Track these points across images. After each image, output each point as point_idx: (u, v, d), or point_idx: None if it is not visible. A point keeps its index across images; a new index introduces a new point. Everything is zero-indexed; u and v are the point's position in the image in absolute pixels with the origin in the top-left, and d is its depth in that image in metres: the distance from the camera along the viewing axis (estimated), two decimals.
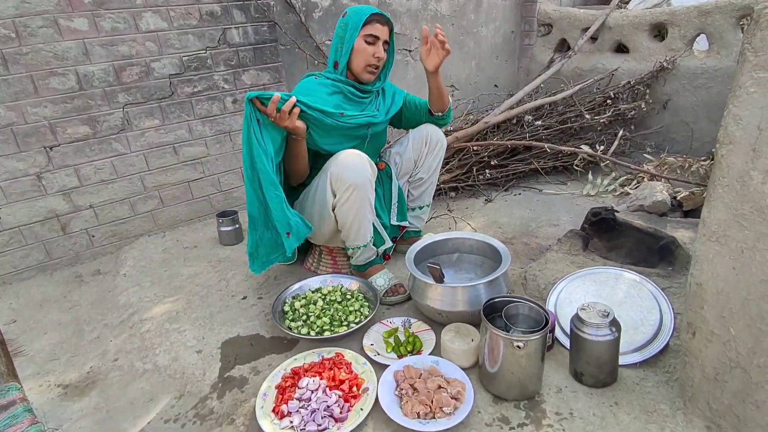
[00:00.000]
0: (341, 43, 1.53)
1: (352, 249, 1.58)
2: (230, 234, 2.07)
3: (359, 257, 1.61)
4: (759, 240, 0.83)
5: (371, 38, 1.51)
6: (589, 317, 1.10)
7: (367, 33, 1.50)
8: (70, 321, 1.68)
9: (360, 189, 1.44)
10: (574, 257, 1.59)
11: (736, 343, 0.91)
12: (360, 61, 1.53)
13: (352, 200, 1.45)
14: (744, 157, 0.83)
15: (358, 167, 1.43)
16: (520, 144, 2.48)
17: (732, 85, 0.85)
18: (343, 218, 1.49)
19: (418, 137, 1.74)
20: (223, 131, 2.29)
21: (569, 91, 2.82)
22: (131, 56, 1.96)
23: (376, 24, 1.50)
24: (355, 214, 1.48)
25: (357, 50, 1.51)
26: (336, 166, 1.43)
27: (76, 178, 1.96)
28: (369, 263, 1.64)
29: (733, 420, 0.96)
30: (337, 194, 1.46)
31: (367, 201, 1.48)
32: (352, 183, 1.42)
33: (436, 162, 1.78)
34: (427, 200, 1.87)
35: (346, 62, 1.54)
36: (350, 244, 1.57)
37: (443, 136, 1.76)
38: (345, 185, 1.42)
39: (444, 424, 1.03)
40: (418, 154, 1.76)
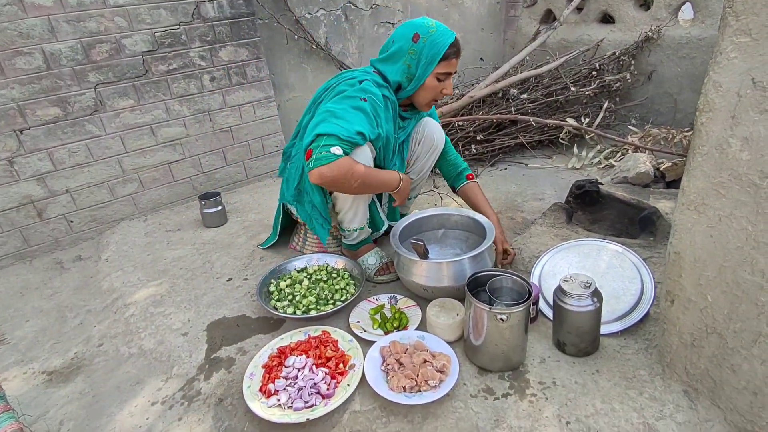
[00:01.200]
0: (409, 73, 1.37)
1: (348, 231, 1.57)
2: (214, 216, 2.04)
3: (353, 239, 1.60)
4: (736, 208, 0.84)
5: (444, 76, 1.37)
6: (571, 288, 1.11)
7: (441, 71, 1.35)
8: (52, 308, 1.65)
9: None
10: (557, 230, 1.60)
11: (712, 309, 0.93)
12: (426, 97, 1.41)
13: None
14: (723, 124, 0.82)
15: (361, 153, 1.34)
16: (506, 118, 2.46)
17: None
18: (341, 203, 1.47)
19: (414, 129, 1.61)
20: (201, 110, 2.22)
21: (554, 63, 2.79)
22: (100, 32, 1.88)
23: (452, 60, 1.36)
24: (353, 199, 1.45)
25: (427, 86, 1.38)
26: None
27: (49, 162, 1.90)
28: (360, 243, 1.64)
29: (710, 384, 0.99)
30: None
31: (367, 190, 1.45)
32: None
33: (429, 163, 1.68)
34: (414, 194, 1.83)
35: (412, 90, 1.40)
36: (346, 227, 1.55)
37: (441, 136, 1.64)
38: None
39: (429, 397, 1.05)
40: (411, 152, 1.65)
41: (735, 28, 0.79)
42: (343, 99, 1.32)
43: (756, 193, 0.80)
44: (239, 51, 2.25)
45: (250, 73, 2.31)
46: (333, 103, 1.32)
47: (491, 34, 3.60)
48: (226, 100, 2.28)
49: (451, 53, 1.35)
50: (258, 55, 2.31)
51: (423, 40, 1.33)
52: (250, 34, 2.25)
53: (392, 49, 1.39)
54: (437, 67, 1.35)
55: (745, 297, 0.87)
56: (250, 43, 2.27)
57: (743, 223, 0.83)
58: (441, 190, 2.26)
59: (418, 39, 1.34)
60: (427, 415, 1.05)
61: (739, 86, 0.79)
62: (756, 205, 0.81)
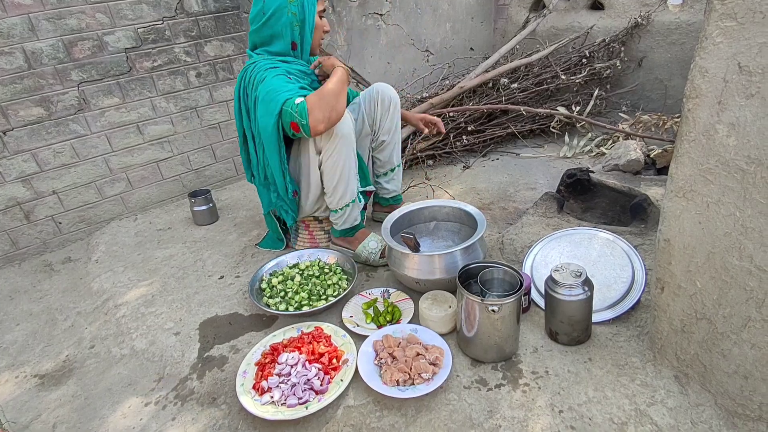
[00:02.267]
0: (297, 21, 1.44)
1: (340, 210, 1.56)
2: (204, 213, 2.02)
3: (347, 219, 1.58)
4: (723, 194, 0.84)
5: (322, 12, 1.50)
6: (563, 278, 1.11)
7: (320, 9, 1.48)
8: (42, 311, 1.63)
9: (346, 138, 1.44)
10: (549, 220, 1.60)
11: (702, 295, 0.93)
12: (317, 38, 1.53)
13: (338, 151, 1.44)
14: (710, 110, 0.82)
15: (346, 119, 1.43)
16: (497, 108, 2.45)
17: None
18: (331, 172, 1.48)
19: (368, 98, 1.71)
20: (188, 107, 2.19)
21: (544, 51, 2.77)
22: (81, 30, 1.84)
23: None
24: (342, 166, 1.47)
25: (317, 27, 1.50)
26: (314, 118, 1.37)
27: (34, 163, 1.87)
28: (355, 227, 1.63)
29: (700, 368, 1.00)
30: (324, 149, 1.45)
31: (352, 150, 1.49)
32: (338, 132, 1.42)
33: (394, 122, 1.74)
34: (396, 161, 1.83)
35: (311, 40, 1.50)
36: (338, 205, 1.55)
37: (394, 93, 1.72)
38: (330, 135, 1.41)
39: (423, 390, 1.05)
40: (372, 117, 1.72)
41: (720, 12, 0.78)
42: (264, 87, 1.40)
43: (743, 178, 0.80)
44: (225, 46, 2.21)
45: (237, 68, 2.28)
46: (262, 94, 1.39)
47: (481, 24, 3.56)
48: (214, 96, 2.25)
49: None
50: (244, 49, 2.28)
51: None
52: (235, 28, 2.22)
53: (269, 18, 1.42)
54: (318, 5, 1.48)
55: (734, 282, 0.87)
56: (236, 37, 2.23)
57: (731, 209, 0.83)
58: (433, 182, 2.25)
59: None
60: (420, 408, 1.05)
61: (725, 71, 0.79)
62: (743, 190, 0.81)
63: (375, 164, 1.83)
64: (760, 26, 0.74)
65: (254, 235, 1.91)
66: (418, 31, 3.17)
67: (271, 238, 1.77)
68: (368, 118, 1.72)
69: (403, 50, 3.17)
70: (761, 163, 0.77)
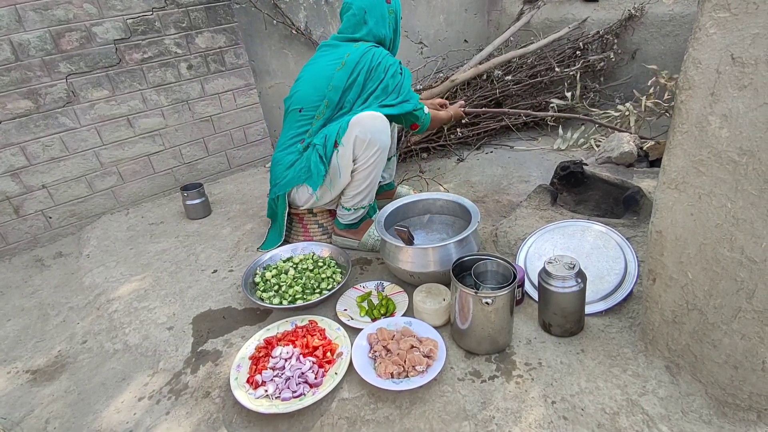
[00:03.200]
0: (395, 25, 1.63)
1: (353, 210, 1.59)
2: (197, 207, 2.01)
3: (358, 216, 1.63)
4: (716, 185, 0.84)
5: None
6: (556, 270, 1.12)
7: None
8: (33, 306, 1.62)
9: (384, 151, 1.50)
10: (543, 212, 1.61)
11: (693, 286, 0.94)
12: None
13: (375, 162, 1.49)
14: (703, 102, 0.82)
15: (386, 130, 1.48)
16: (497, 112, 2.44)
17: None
18: (361, 180, 1.52)
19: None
20: (180, 100, 2.17)
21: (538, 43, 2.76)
22: (68, 20, 1.80)
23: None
24: (373, 176, 1.53)
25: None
26: (363, 130, 1.44)
27: (23, 156, 1.84)
28: (361, 219, 1.66)
29: (691, 359, 1.01)
30: (362, 158, 1.48)
31: (384, 163, 1.56)
32: (381, 146, 1.47)
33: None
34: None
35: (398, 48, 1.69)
36: (354, 206, 1.58)
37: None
38: (374, 149, 1.46)
39: (417, 382, 1.05)
40: None
41: (714, 3, 0.78)
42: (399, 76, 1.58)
43: (735, 170, 0.80)
44: (216, 37, 2.18)
45: (229, 60, 2.25)
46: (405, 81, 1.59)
47: (475, 15, 3.54)
48: (205, 88, 2.23)
49: None
50: (236, 42, 2.25)
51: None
52: (227, 19, 2.19)
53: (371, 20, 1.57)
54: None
55: (725, 273, 0.87)
56: (227, 28, 2.20)
57: (723, 201, 0.84)
58: (428, 175, 2.24)
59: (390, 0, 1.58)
60: (415, 400, 1.06)
61: (718, 63, 0.78)
62: (735, 182, 0.81)
63: None
64: (754, 17, 0.73)
65: (247, 229, 1.90)
66: (411, 23, 3.15)
67: (273, 236, 1.73)
68: None
69: None
70: (753, 155, 0.78)
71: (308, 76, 1.58)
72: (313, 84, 1.55)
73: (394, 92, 1.56)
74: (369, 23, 1.56)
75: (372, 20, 1.56)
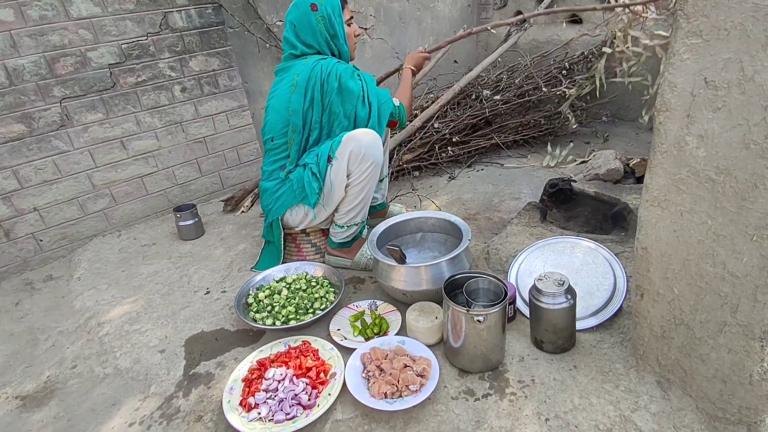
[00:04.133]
0: (330, 36, 1.57)
1: (346, 227, 1.61)
2: (190, 228, 2.01)
3: (349, 235, 1.64)
4: (696, 203, 0.87)
5: (349, 21, 1.61)
6: (546, 287, 1.13)
7: (346, 18, 1.58)
8: (22, 331, 1.60)
9: (378, 166, 1.52)
10: (533, 229, 1.63)
11: (679, 301, 0.96)
12: (351, 45, 1.64)
13: (369, 177, 1.51)
14: (680, 123, 0.85)
15: (378, 145, 1.50)
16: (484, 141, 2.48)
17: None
18: (356, 195, 1.54)
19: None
20: (173, 122, 2.19)
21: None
22: (64, 46, 1.83)
23: (346, 6, 1.58)
24: (367, 191, 1.55)
25: (348, 37, 1.61)
26: (358, 144, 1.45)
27: (15, 180, 1.84)
28: (354, 238, 1.67)
29: (680, 373, 1.02)
30: (356, 173, 1.49)
31: (377, 179, 1.58)
32: (375, 161, 1.49)
33: (387, 136, 1.82)
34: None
35: (347, 50, 1.62)
36: (347, 223, 1.60)
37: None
38: (368, 163, 1.48)
39: (410, 402, 1.05)
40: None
41: (687, 30, 0.82)
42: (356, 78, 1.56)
43: (713, 188, 0.83)
44: (210, 60, 2.22)
45: (222, 82, 2.29)
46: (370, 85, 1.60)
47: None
48: (199, 110, 2.25)
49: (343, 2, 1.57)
50: (230, 64, 2.29)
51: (319, 4, 1.52)
52: (220, 43, 2.23)
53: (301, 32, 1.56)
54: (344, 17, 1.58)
55: (709, 288, 0.89)
56: (221, 52, 2.24)
57: (703, 218, 0.86)
58: (419, 193, 2.27)
59: (317, 7, 1.52)
60: (409, 420, 1.05)
61: (692, 86, 0.82)
62: (714, 199, 0.84)
63: None
64: (725, 42, 0.77)
65: (240, 249, 1.90)
66: (402, 44, 3.22)
67: (267, 257, 1.73)
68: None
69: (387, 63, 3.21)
70: (730, 173, 0.81)
71: (273, 104, 1.58)
72: (276, 111, 1.56)
73: (365, 105, 1.57)
74: (301, 36, 1.56)
75: (302, 32, 1.55)
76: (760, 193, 0.77)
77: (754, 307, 0.83)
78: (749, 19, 0.73)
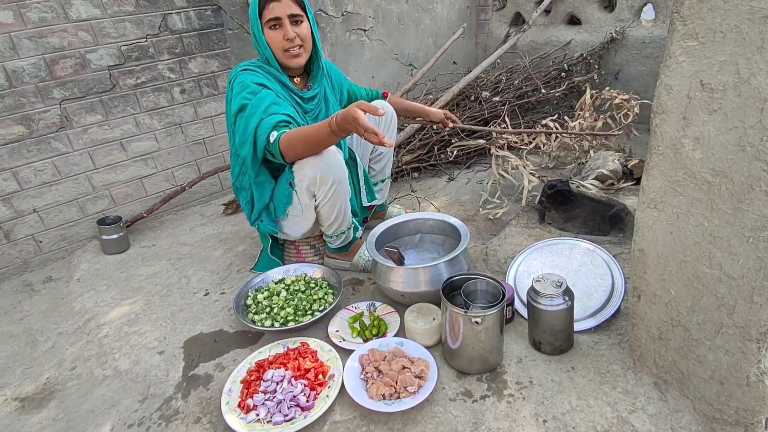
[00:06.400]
0: (256, 41, 1.45)
1: (335, 236, 1.59)
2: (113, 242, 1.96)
3: (342, 241, 1.62)
4: (692, 205, 0.87)
5: (273, 22, 1.39)
6: (544, 288, 1.14)
7: (266, 20, 1.39)
8: (21, 332, 1.60)
9: (343, 182, 1.43)
10: (531, 230, 1.63)
11: (676, 303, 0.96)
12: (276, 49, 1.42)
13: (335, 195, 1.44)
14: (676, 125, 0.85)
15: (336, 162, 1.38)
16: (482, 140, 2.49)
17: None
18: (328, 213, 1.49)
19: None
20: (173, 123, 2.19)
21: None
22: (63, 48, 1.84)
23: (270, 4, 1.37)
24: (339, 205, 1.48)
25: (270, 41, 1.41)
26: (312, 169, 1.35)
27: (14, 181, 1.85)
28: (350, 242, 1.66)
29: (678, 375, 1.02)
30: (320, 194, 1.42)
31: (347, 191, 1.49)
32: (336, 179, 1.39)
33: (393, 136, 1.79)
34: (387, 172, 1.90)
35: (271, 54, 1.44)
36: (335, 232, 1.58)
37: (391, 107, 1.76)
38: (328, 184, 1.39)
39: (409, 403, 1.05)
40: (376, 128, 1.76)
41: (682, 32, 0.82)
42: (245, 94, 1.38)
43: (709, 190, 0.84)
44: (209, 62, 2.23)
45: (222, 84, 2.29)
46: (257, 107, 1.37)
47: (463, 38, 3.64)
48: (198, 111, 2.26)
49: (264, 1, 1.38)
50: (229, 66, 2.29)
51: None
52: (219, 45, 2.24)
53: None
54: (262, 18, 1.39)
55: (705, 290, 0.90)
56: (220, 54, 2.25)
57: (699, 219, 0.87)
58: (419, 194, 2.27)
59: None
60: (407, 422, 1.05)
61: (688, 88, 0.82)
62: (710, 201, 0.84)
63: (369, 171, 1.87)
64: (720, 45, 0.78)
65: (239, 250, 1.90)
66: (401, 46, 3.23)
67: (265, 258, 1.73)
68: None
69: (386, 64, 3.22)
70: (726, 176, 0.81)
71: None
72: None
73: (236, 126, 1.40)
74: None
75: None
76: (755, 195, 0.78)
77: (750, 309, 0.84)
78: (745, 21, 0.73)
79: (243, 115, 1.37)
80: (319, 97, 1.59)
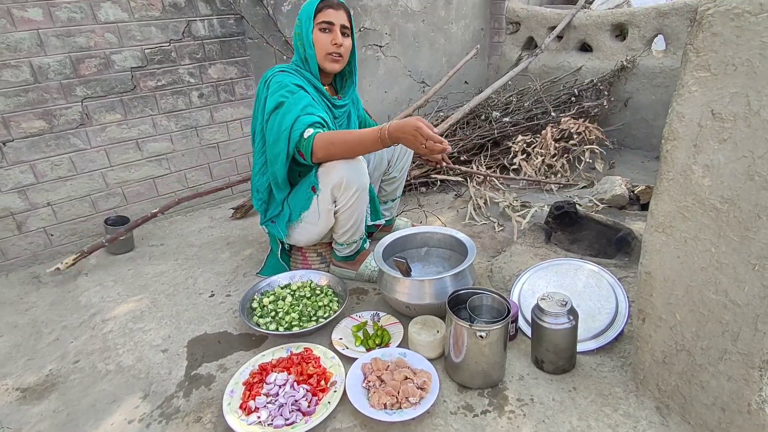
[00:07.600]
0: (300, 39, 1.50)
1: (346, 245, 1.61)
2: (120, 242, 1.96)
3: (353, 249, 1.65)
4: (700, 230, 0.89)
5: (325, 25, 1.45)
6: (549, 307, 1.15)
7: (319, 21, 1.45)
8: (26, 323, 1.61)
9: (365, 190, 1.47)
10: (537, 250, 1.65)
11: (681, 327, 0.97)
12: (321, 52, 1.48)
13: (357, 202, 1.47)
14: (687, 152, 0.88)
15: (363, 170, 1.44)
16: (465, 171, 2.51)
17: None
18: (346, 220, 1.52)
19: None
20: (189, 126, 2.24)
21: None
22: (89, 48, 1.89)
23: (327, 10, 1.45)
24: (358, 214, 1.52)
25: (316, 42, 1.47)
26: (340, 172, 1.39)
27: (32, 174, 1.88)
28: (357, 252, 1.68)
29: (680, 400, 1.02)
30: (342, 199, 1.46)
31: (367, 200, 1.53)
32: (360, 186, 1.43)
33: (408, 161, 1.84)
34: (398, 193, 1.93)
35: (313, 54, 1.49)
36: (346, 241, 1.60)
37: None
38: (352, 189, 1.43)
39: (410, 414, 1.06)
40: (391, 154, 1.80)
41: (695, 63, 0.85)
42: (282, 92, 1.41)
43: (717, 216, 0.85)
44: (228, 69, 2.28)
45: (239, 90, 2.34)
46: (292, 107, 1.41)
47: (476, 59, 3.71)
48: (214, 116, 2.30)
49: (324, 5, 1.45)
50: (247, 74, 2.35)
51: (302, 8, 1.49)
52: (240, 52, 2.29)
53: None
54: (315, 18, 1.45)
55: (711, 315, 0.91)
56: (239, 61, 2.30)
57: (707, 245, 0.88)
58: (426, 209, 2.29)
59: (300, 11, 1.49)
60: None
61: (700, 117, 0.85)
62: (718, 228, 0.86)
63: (379, 192, 1.90)
64: (732, 77, 0.80)
65: (246, 254, 1.92)
66: (415, 63, 3.29)
67: (272, 262, 1.75)
68: (387, 154, 1.79)
69: (400, 80, 3.29)
70: (734, 203, 0.83)
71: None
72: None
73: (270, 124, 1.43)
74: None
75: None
76: (763, 223, 0.79)
77: (754, 336, 0.84)
78: (756, 56, 0.76)
79: (279, 111, 1.41)
80: (346, 108, 1.66)
